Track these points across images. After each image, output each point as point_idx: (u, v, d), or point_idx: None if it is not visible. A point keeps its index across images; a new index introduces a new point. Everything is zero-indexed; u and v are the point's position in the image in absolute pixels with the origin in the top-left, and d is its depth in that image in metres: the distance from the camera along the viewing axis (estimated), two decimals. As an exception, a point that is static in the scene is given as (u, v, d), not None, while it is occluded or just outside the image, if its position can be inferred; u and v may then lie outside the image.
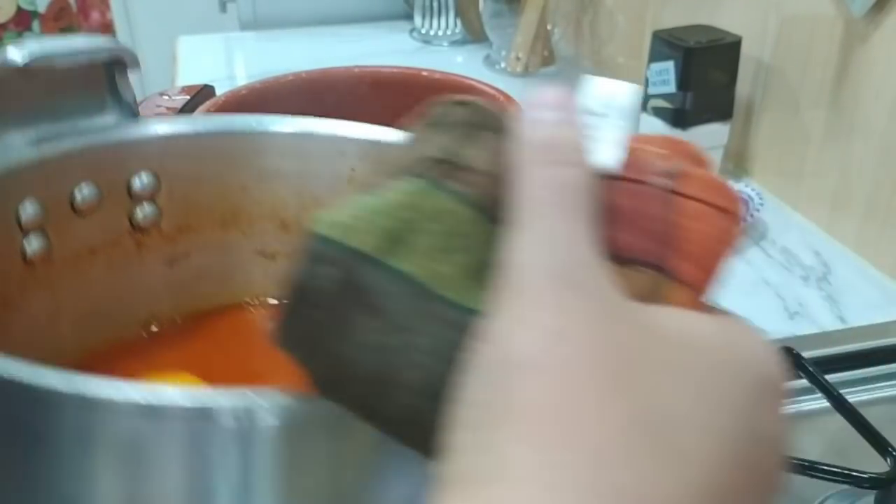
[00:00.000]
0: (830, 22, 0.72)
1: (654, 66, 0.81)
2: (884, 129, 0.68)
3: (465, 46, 1.35)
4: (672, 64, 0.78)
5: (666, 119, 0.81)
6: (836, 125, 0.73)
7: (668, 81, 0.79)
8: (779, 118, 0.82)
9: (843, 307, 0.66)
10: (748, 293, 0.68)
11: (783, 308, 0.66)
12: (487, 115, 0.25)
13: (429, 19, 1.36)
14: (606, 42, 1.20)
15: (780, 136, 0.82)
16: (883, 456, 0.45)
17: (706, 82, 0.79)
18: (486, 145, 0.24)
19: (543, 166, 0.22)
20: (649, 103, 0.83)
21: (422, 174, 0.23)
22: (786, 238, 0.76)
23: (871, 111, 0.69)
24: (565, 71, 1.17)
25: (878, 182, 0.69)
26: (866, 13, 0.67)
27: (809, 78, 0.76)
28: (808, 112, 0.77)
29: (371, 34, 1.40)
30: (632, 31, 1.11)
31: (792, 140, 0.80)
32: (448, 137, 0.25)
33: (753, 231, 0.77)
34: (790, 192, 0.81)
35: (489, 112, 0.26)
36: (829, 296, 0.68)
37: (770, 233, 0.77)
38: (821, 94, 0.75)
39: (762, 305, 0.66)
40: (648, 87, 0.82)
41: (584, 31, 1.27)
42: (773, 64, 0.81)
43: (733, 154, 0.89)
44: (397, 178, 0.24)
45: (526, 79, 1.19)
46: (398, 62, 0.63)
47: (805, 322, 0.65)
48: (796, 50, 0.77)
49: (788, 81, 0.79)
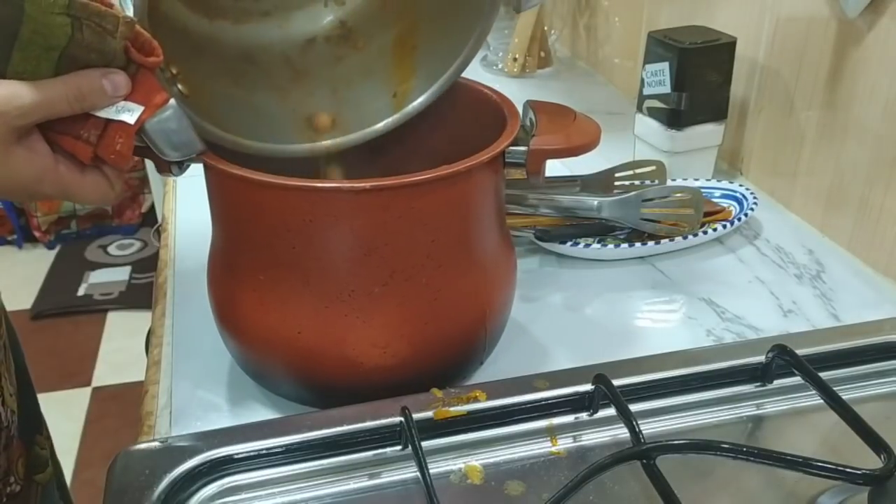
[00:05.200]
0: (824, 23, 0.73)
1: (650, 66, 0.81)
2: (877, 129, 0.68)
3: (461, 47, 1.35)
4: (667, 65, 0.79)
5: (661, 119, 0.81)
6: (830, 125, 0.74)
7: (663, 82, 0.80)
8: (773, 118, 0.82)
9: (836, 305, 0.67)
10: (743, 291, 0.69)
11: (777, 306, 0.67)
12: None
13: (425, 21, 1.36)
14: (602, 43, 1.20)
15: (774, 136, 0.83)
16: (877, 452, 0.45)
17: (701, 83, 0.79)
18: None
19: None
20: (644, 104, 0.83)
21: None
22: (780, 237, 0.77)
23: (864, 111, 0.70)
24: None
25: (871, 181, 0.70)
26: (860, 14, 0.68)
27: (803, 78, 0.77)
28: (802, 112, 0.78)
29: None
30: (627, 32, 1.12)
31: (786, 140, 0.80)
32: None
33: (748, 230, 0.78)
34: (784, 192, 0.82)
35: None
36: (823, 294, 0.68)
37: (764, 232, 0.78)
38: (815, 95, 0.75)
39: (756, 303, 0.67)
40: (644, 87, 0.83)
41: (581, 33, 1.27)
42: (768, 64, 0.82)
43: (728, 154, 0.89)
44: None
45: (523, 80, 1.20)
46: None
47: (799, 320, 0.65)
48: (791, 51, 0.78)
49: (783, 82, 0.80)
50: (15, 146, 0.43)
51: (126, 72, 0.45)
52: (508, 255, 0.57)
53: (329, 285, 0.49)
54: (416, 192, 0.47)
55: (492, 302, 0.54)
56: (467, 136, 0.56)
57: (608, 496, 0.46)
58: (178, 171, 0.52)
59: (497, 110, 0.56)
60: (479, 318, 0.54)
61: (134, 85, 0.45)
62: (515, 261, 0.58)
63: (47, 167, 0.45)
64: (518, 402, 0.50)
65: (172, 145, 0.47)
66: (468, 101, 0.59)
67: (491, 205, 0.53)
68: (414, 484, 0.47)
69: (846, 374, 0.55)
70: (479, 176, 0.50)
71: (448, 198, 0.49)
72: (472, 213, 0.51)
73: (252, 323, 0.52)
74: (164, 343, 0.62)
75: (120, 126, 0.45)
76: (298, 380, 0.53)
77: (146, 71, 0.46)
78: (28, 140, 0.44)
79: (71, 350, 2.09)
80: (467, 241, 0.52)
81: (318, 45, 0.60)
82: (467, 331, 0.54)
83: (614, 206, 0.71)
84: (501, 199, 0.55)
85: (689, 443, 0.47)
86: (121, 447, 0.46)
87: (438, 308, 0.51)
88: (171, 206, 0.84)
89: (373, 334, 0.50)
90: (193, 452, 0.46)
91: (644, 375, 0.52)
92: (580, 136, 0.53)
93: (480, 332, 0.54)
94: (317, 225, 0.47)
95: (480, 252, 0.53)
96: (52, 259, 2.48)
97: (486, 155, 0.49)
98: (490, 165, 0.50)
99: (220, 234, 0.55)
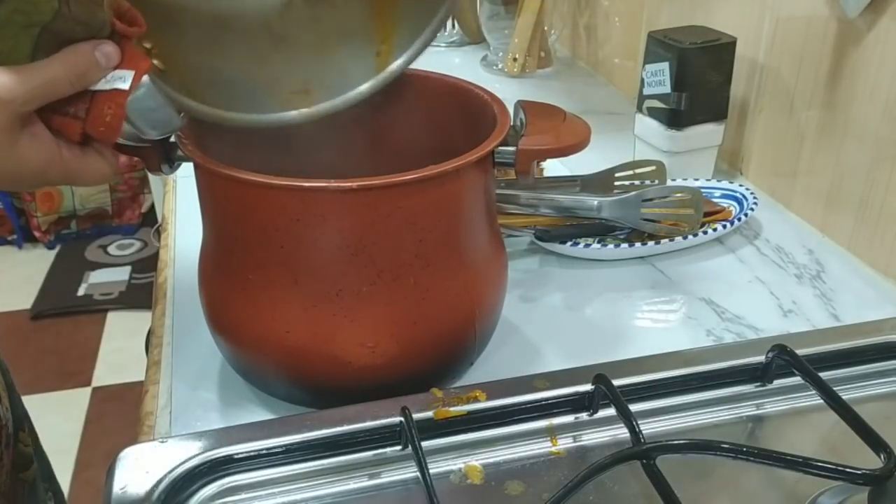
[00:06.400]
0: (824, 23, 0.73)
1: (650, 66, 0.81)
2: (877, 128, 0.68)
3: (462, 48, 1.36)
4: (667, 65, 0.79)
5: (661, 119, 0.81)
6: (830, 125, 0.74)
7: (663, 82, 0.80)
8: (773, 118, 0.82)
9: (836, 305, 0.67)
10: (743, 291, 0.69)
11: (777, 306, 0.67)
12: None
13: (426, 21, 1.37)
14: (602, 43, 1.20)
15: (774, 135, 0.83)
16: (877, 452, 0.45)
17: (701, 83, 0.79)
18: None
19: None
20: (644, 104, 0.83)
21: None
22: (780, 237, 0.77)
23: (864, 111, 0.70)
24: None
25: (871, 181, 0.70)
26: (860, 14, 0.68)
27: (803, 78, 0.77)
28: (802, 112, 0.78)
29: (368, 35, 1.41)
30: (627, 32, 1.12)
31: (786, 140, 0.80)
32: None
33: (748, 230, 0.78)
34: (784, 192, 0.82)
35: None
36: (823, 294, 0.68)
37: (764, 231, 0.78)
38: (815, 95, 0.76)
39: (756, 303, 0.67)
40: (644, 87, 0.83)
41: (581, 33, 1.27)
42: (768, 64, 0.82)
43: (728, 154, 0.89)
44: None
45: (523, 80, 1.20)
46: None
47: (799, 320, 0.65)
48: (791, 51, 0.78)
49: (783, 82, 0.80)
50: (20, 134, 0.43)
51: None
52: (499, 256, 0.56)
53: (317, 285, 0.49)
54: (404, 191, 0.47)
55: (481, 302, 0.54)
56: (458, 135, 0.56)
57: (608, 496, 0.46)
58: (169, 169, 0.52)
59: (487, 110, 0.56)
60: (468, 318, 0.54)
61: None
62: (506, 261, 0.58)
63: (52, 153, 0.45)
64: (518, 402, 0.50)
65: (150, 123, 0.47)
66: (459, 100, 0.59)
67: (480, 205, 0.53)
68: (414, 484, 0.47)
69: (846, 374, 0.55)
70: (467, 176, 0.50)
71: (436, 198, 0.49)
72: (460, 213, 0.51)
73: (241, 322, 0.52)
74: (164, 343, 0.62)
75: (109, 96, 0.44)
76: (288, 379, 0.53)
77: (126, 40, 0.45)
78: (31, 127, 0.44)
79: (71, 350, 2.09)
80: (456, 242, 0.52)
81: (294, 6, 0.58)
82: (456, 331, 0.54)
83: (614, 206, 0.71)
84: (491, 198, 0.55)
85: (689, 443, 0.47)
86: (121, 447, 0.46)
87: (427, 308, 0.51)
88: (171, 206, 0.84)
89: (361, 334, 0.50)
90: (193, 452, 0.46)
91: (644, 375, 0.52)
92: (570, 136, 0.53)
93: (470, 332, 0.54)
94: (304, 224, 0.47)
95: (469, 252, 0.53)
96: (52, 259, 2.48)
97: (475, 155, 0.49)
98: (479, 165, 0.50)
99: (209, 234, 0.55)
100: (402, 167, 0.48)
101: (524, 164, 0.52)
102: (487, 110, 0.56)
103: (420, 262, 0.50)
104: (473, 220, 0.53)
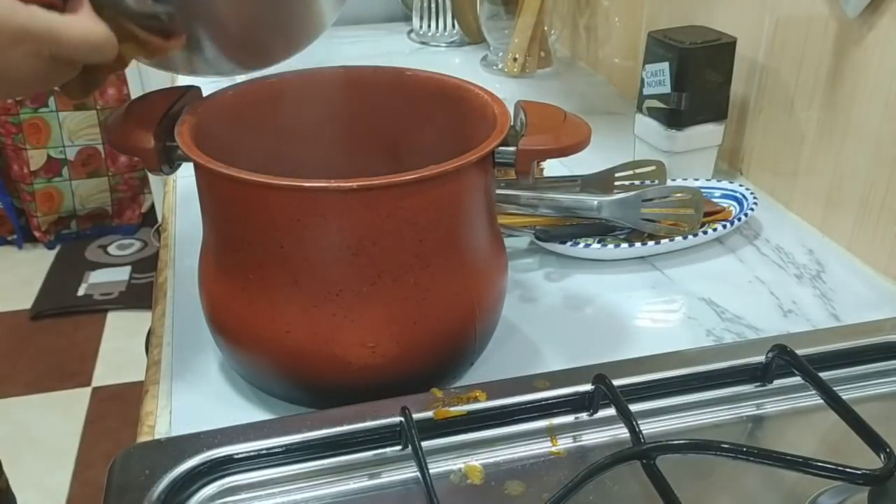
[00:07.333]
0: (824, 23, 0.73)
1: (650, 66, 0.81)
2: (877, 128, 0.68)
3: (462, 48, 1.36)
4: (667, 65, 0.79)
5: (661, 119, 0.82)
6: (830, 125, 0.74)
7: (663, 82, 0.80)
8: (773, 118, 0.82)
9: (836, 305, 0.67)
10: (742, 291, 0.69)
11: (777, 306, 0.67)
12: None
13: (427, 21, 1.37)
14: (602, 43, 1.20)
15: (774, 135, 0.83)
16: (877, 452, 0.45)
17: (701, 83, 0.79)
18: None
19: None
20: (644, 104, 0.83)
21: None
22: (780, 237, 0.77)
23: (864, 111, 0.70)
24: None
25: (872, 181, 0.70)
26: (860, 14, 0.68)
27: (803, 78, 0.77)
28: (802, 112, 0.78)
29: (369, 36, 1.41)
30: (627, 32, 1.12)
31: (786, 140, 0.80)
32: None
33: (748, 230, 0.78)
34: (784, 192, 0.82)
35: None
36: (823, 294, 0.68)
37: (764, 231, 0.78)
38: (815, 95, 0.76)
39: (756, 303, 0.67)
40: (644, 87, 0.83)
41: (581, 33, 1.27)
42: (768, 64, 0.82)
43: (728, 154, 0.89)
44: None
45: (523, 80, 1.20)
46: (396, 63, 0.64)
47: (799, 320, 0.65)
48: (791, 51, 0.78)
49: (783, 82, 0.80)
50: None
51: None
52: (499, 256, 0.57)
53: (317, 285, 0.49)
54: (404, 191, 0.47)
55: (481, 302, 0.54)
56: (458, 135, 0.56)
57: (608, 496, 0.46)
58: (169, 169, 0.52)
59: (487, 110, 0.56)
60: (468, 318, 0.54)
61: None
62: (506, 261, 0.58)
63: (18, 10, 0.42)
64: (518, 402, 0.50)
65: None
66: (459, 100, 0.59)
67: (480, 205, 0.53)
68: (414, 484, 0.47)
69: (846, 374, 0.55)
70: (467, 176, 0.50)
71: (436, 198, 0.49)
72: (460, 213, 0.51)
73: (241, 322, 0.52)
74: (164, 343, 0.62)
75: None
76: (288, 379, 0.53)
77: None
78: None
79: (71, 350, 2.09)
80: (456, 242, 0.52)
81: None
82: (456, 331, 0.54)
83: (614, 206, 0.71)
84: (491, 199, 0.55)
85: (688, 443, 0.47)
86: (121, 447, 0.46)
87: (427, 308, 0.51)
88: (171, 206, 0.84)
89: (361, 334, 0.50)
90: (193, 452, 0.46)
91: (644, 375, 0.52)
92: (570, 137, 0.53)
93: (470, 332, 0.54)
94: (304, 224, 0.47)
95: (470, 252, 0.53)
96: (52, 259, 2.48)
97: (475, 155, 0.49)
98: (479, 165, 0.50)
99: (210, 234, 0.55)
100: (402, 167, 0.48)
101: (524, 164, 0.52)
102: (487, 110, 0.56)
103: (420, 262, 0.50)
104: (474, 220, 0.53)
